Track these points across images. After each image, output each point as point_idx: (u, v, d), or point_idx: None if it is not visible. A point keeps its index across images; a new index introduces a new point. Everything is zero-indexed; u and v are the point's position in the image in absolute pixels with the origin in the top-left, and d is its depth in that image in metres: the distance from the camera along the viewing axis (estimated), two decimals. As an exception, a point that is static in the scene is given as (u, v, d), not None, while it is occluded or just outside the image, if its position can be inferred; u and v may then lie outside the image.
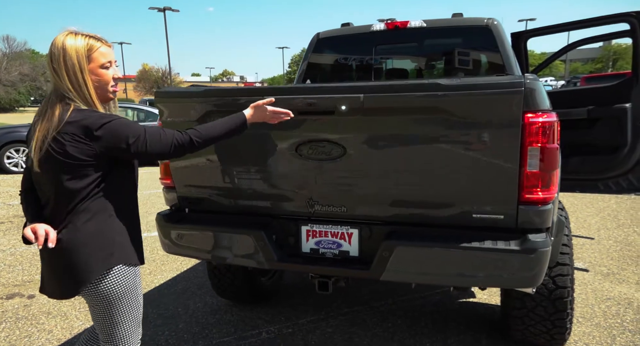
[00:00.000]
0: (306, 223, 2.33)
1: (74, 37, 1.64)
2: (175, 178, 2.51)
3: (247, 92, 2.26)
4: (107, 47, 1.70)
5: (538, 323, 2.55)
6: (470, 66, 3.72)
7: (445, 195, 2.06)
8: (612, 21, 3.72)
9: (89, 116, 1.59)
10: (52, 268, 1.71)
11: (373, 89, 1.99)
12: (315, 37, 3.99)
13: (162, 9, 37.60)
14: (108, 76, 1.70)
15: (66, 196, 1.63)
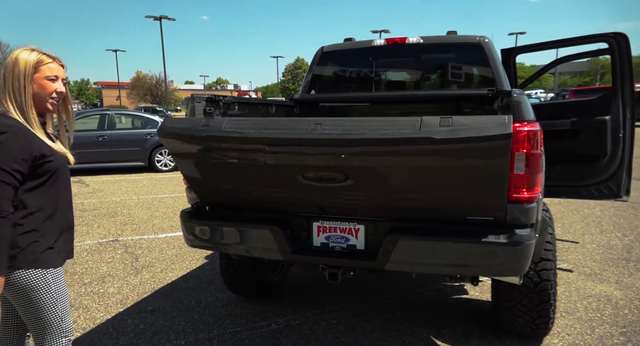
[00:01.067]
0: (317, 220, 2.59)
1: (30, 52, 1.81)
2: (196, 185, 2.75)
3: (248, 140, 2.28)
4: (57, 65, 1.86)
5: (525, 314, 2.83)
6: (463, 79, 4.03)
7: (442, 207, 2.33)
8: (593, 41, 4.05)
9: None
10: None
11: (368, 142, 2.07)
12: (320, 51, 4.29)
13: (159, 18, 37.93)
14: (51, 86, 1.83)
15: None
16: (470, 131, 1.92)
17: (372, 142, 2.06)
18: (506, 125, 1.89)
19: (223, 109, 2.99)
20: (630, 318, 3.35)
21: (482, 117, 2.02)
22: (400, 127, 2.02)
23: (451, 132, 1.93)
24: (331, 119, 2.22)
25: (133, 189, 9.00)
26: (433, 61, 4.20)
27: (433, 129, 1.95)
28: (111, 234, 5.76)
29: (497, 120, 1.94)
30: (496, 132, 1.90)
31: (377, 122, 2.09)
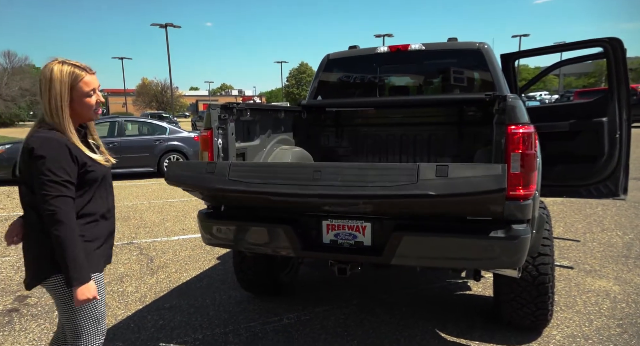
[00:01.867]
0: (326, 219, 2.76)
1: (61, 66, 1.79)
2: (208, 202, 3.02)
3: (252, 193, 2.48)
4: (90, 76, 1.85)
5: (524, 306, 2.98)
6: (464, 83, 4.20)
7: (443, 213, 2.53)
8: (590, 45, 4.21)
9: (39, 134, 1.76)
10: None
11: (367, 196, 2.25)
12: (326, 58, 4.48)
13: (164, 25, 38.38)
14: (91, 101, 1.87)
15: (27, 203, 1.84)
16: (465, 186, 2.08)
17: (371, 197, 2.25)
18: (500, 179, 2.04)
19: (236, 115, 3.17)
20: (627, 311, 3.48)
21: (478, 168, 2.14)
22: (399, 179, 2.16)
23: (447, 187, 2.09)
24: (330, 166, 2.38)
25: (144, 194, 9.21)
26: (434, 67, 4.37)
27: (429, 183, 2.10)
28: (126, 237, 5.95)
29: (492, 172, 2.07)
30: (490, 187, 2.06)
31: (376, 171, 2.26)
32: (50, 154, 1.72)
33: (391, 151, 4.41)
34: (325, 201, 2.39)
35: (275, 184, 2.37)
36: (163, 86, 62.17)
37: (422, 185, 2.11)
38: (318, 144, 4.56)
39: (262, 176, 2.43)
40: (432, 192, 2.09)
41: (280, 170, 2.48)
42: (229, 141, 3.04)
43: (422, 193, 2.10)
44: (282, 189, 2.36)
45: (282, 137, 3.95)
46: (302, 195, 2.34)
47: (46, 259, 1.79)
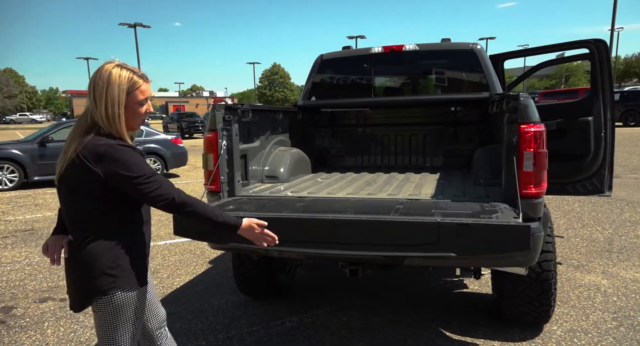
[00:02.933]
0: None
1: (120, 70, 1.70)
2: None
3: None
4: (147, 85, 1.78)
5: (527, 303, 3.03)
6: (458, 83, 4.26)
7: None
8: (575, 46, 4.33)
9: (102, 141, 1.64)
10: (67, 280, 1.80)
11: (389, 257, 2.26)
12: (319, 59, 4.45)
13: (133, 25, 37.49)
14: (142, 112, 1.78)
15: (79, 215, 1.71)
16: (489, 246, 2.07)
17: (389, 257, 2.25)
18: (527, 240, 2.02)
19: (239, 116, 3.10)
20: (619, 304, 3.59)
21: (503, 228, 2.07)
22: (419, 238, 2.12)
23: (470, 248, 2.08)
24: (347, 223, 2.26)
25: (121, 198, 8.93)
26: (428, 67, 4.41)
27: (450, 243, 2.08)
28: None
29: (517, 233, 2.04)
30: (515, 248, 2.05)
31: (395, 228, 2.18)
32: (126, 156, 1.65)
33: (386, 151, 4.42)
34: (342, 258, 2.40)
35: (290, 241, 2.27)
36: (131, 87, 60.41)
37: (444, 245, 2.08)
38: (313, 145, 4.53)
39: (276, 230, 2.23)
40: (453, 254, 2.08)
41: (293, 224, 2.33)
42: (234, 143, 2.98)
43: (444, 255, 2.10)
44: (294, 248, 2.31)
45: (280, 139, 3.90)
46: (319, 255, 2.35)
47: (94, 280, 1.68)
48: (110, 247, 1.70)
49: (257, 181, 3.52)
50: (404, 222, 2.15)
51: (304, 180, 3.71)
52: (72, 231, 1.75)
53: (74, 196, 1.71)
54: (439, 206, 2.46)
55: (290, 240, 2.30)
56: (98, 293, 1.69)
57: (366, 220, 2.21)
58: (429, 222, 2.10)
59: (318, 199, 2.86)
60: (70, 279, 1.76)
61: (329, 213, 2.34)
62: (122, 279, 1.71)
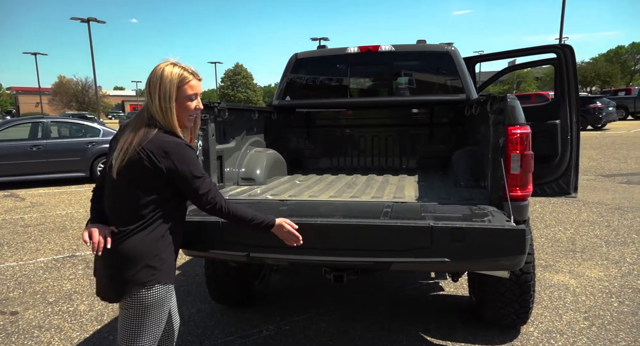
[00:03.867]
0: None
1: (172, 67, 1.81)
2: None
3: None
4: (197, 81, 1.87)
5: (507, 305, 3.03)
6: (434, 85, 4.26)
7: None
8: (544, 51, 4.43)
9: (169, 139, 1.76)
10: (104, 271, 1.82)
11: (380, 262, 2.20)
12: (294, 58, 4.34)
13: (86, 20, 35.95)
14: (191, 107, 1.86)
15: (130, 207, 1.77)
16: (484, 250, 2.05)
17: (380, 263, 2.19)
18: (523, 244, 2.01)
19: (215, 115, 2.95)
20: (588, 303, 3.68)
21: (498, 232, 2.05)
22: (412, 242, 2.06)
23: (464, 252, 2.05)
24: (339, 228, 2.19)
25: (78, 202, 8.48)
26: (405, 68, 4.39)
27: (444, 248, 2.04)
28: (65, 249, 5.41)
29: (514, 237, 2.02)
30: (511, 253, 2.04)
31: (387, 232, 2.12)
32: (191, 155, 1.79)
33: (363, 153, 4.36)
34: (331, 264, 2.34)
35: (277, 248, 2.17)
36: (84, 84, 58.15)
37: (437, 250, 2.03)
38: (288, 146, 4.41)
39: (260, 236, 2.18)
40: (447, 259, 2.03)
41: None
42: (210, 143, 2.82)
43: (437, 261, 2.05)
44: (283, 255, 2.21)
45: (255, 139, 3.76)
46: (306, 262, 2.26)
47: (136, 271, 1.75)
48: (155, 240, 1.78)
49: (233, 184, 3.37)
50: (397, 226, 2.08)
51: (281, 182, 3.59)
52: (119, 221, 1.78)
53: (132, 188, 1.75)
54: (427, 209, 2.41)
55: (274, 246, 2.18)
56: (138, 284, 1.74)
57: (357, 224, 2.13)
58: (422, 226, 2.04)
59: (301, 202, 2.75)
60: (108, 270, 1.79)
61: (316, 217, 2.24)
62: (161, 272, 1.79)
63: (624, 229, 5.83)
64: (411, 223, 2.08)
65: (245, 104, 10.50)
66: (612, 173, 9.87)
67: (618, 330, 3.22)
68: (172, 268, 1.86)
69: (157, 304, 1.80)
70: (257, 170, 3.46)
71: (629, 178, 9.25)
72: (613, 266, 4.51)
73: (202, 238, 2.26)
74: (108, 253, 1.77)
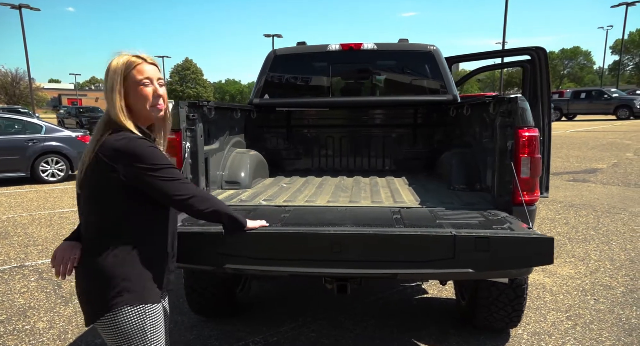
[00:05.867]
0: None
1: (119, 58, 1.60)
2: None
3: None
4: (149, 65, 1.63)
5: (501, 309, 3.01)
6: (416, 84, 4.20)
7: None
8: (519, 53, 4.50)
9: (120, 136, 1.52)
10: (77, 290, 1.64)
11: (399, 274, 2.12)
12: (272, 54, 4.14)
13: (18, 6, 33.40)
14: (146, 92, 1.59)
15: (92, 223, 1.58)
16: (511, 262, 1.97)
17: (400, 275, 2.14)
18: (551, 253, 1.93)
19: (203, 114, 2.71)
20: (567, 302, 3.76)
21: (526, 241, 1.96)
22: (433, 253, 1.95)
23: (489, 263, 1.95)
24: (352, 236, 2.03)
25: (19, 205, 7.78)
26: (387, 67, 4.30)
27: (468, 258, 1.94)
28: (12, 259, 4.89)
29: (543, 247, 1.94)
30: (538, 263, 2.00)
31: (406, 242, 1.99)
32: (142, 149, 1.52)
33: (345, 154, 4.23)
34: (346, 277, 2.19)
35: (285, 260, 2.01)
36: (14, 76, 54.28)
37: (461, 260, 1.92)
38: (267, 146, 4.20)
39: (268, 248, 2.02)
40: (471, 269, 1.92)
41: (290, 240, 2.03)
42: (198, 145, 2.58)
43: (461, 272, 1.94)
44: (291, 268, 2.03)
45: (237, 140, 3.54)
46: (319, 275, 2.13)
47: (101, 293, 1.54)
48: (123, 258, 1.55)
49: (217, 187, 3.13)
50: (417, 235, 1.95)
51: (267, 186, 3.38)
52: (85, 238, 1.61)
53: (93, 201, 1.57)
54: (439, 216, 2.31)
55: (280, 258, 2.00)
56: (103, 308, 1.54)
57: (374, 234, 1.98)
58: (444, 235, 1.93)
59: (302, 209, 2.57)
60: (79, 290, 1.61)
61: (327, 226, 2.08)
62: (132, 293, 1.55)
63: (582, 226, 6.07)
64: (432, 232, 1.97)
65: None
66: (558, 171, 10.34)
67: (601, 329, 3.29)
68: (149, 288, 1.60)
69: (134, 330, 1.56)
70: (242, 173, 3.24)
71: (574, 176, 9.73)
72: (581, 264, 4.66)
73: (202, 250, 2.03)
74: (77, 274, 1.61)
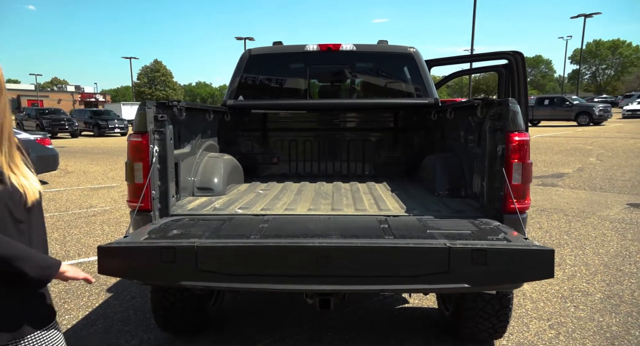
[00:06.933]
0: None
1: None
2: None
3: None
4: None
5: (486, 320, 2.90)
6: (396, 87, 4.09)
7: None
8: (497, 57, 4.47)
9: None
10: None
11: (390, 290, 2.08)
12: (247, 54, 3.95)
13: (-24, 3, 31.90)
14: None
15: None
16: (508, 275, 1.85)
17: (390, 290, 2.15)
18: (551, 267, 1.81)
19: (173, 115, 2.49)
20: (548, 310, 3.70)
21: (524, 254, 1.83)
22: (426, 266, 1.80)
23: (486, 277, 1.83)
24: (339, 250, 1.86)
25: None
26: (367, 69, 4.18)
27: (464, 272, 1.81)
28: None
29: (544, 259, 1.81)
30: (539, 276, 1.92)
31: (396, 255, 1.84)
32: None
33: (323, 158, 4.07)
34: (332, 293, 2.03)
35: (267, 276, 1.82)
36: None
37: (456, 275, 1.78)
38: (242, 150, 3.99)
39: (247, 263, 1.83)
40: (467, 284, 1.78)
41: (272, 254, 1.85)
42: (168, 149, 2.36)
43: (456, 287, 1.80)
44: (275, 285, 1.85)
45: (210, 143, 3.32)
46: (302, 291, 1.97)
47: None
48: None
49: (188, 194, 2.91)
50: (409, 248, 1.80)
51: (243, 192, 3.18)
52: None
53: None
54: (428, 225, 2.18)
55: (259, 274, 1.81)
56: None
57: (363, 246, 1.82)
58: (438, 247, 1.78)
59: (281, 218, 2.39)
60: None
61: (311, 238, 1.90)
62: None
63: (555, 230, 6.11)
64: (424, 244, 1.82)
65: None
66: (529, 176, 10.51)
67: (584, 338, 3.23)
68: None
69: None
70: (215, 178, 3.02)
71: (543, 180, 9.90)
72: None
73: (172, 267, 1.82)
74: None
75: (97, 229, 6.11)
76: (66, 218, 6.78)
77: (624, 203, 7.52)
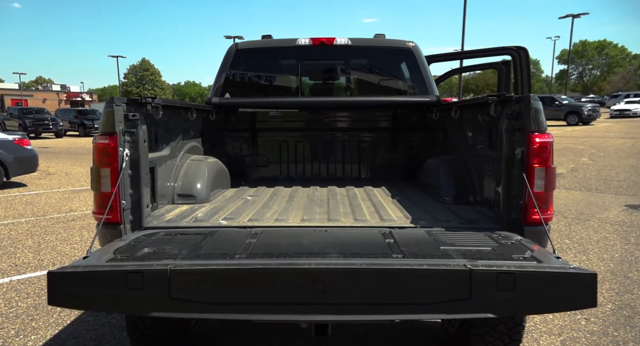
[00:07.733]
0: None
1: None
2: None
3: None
4: None
5: (497, 339, 2.64)
6: (395, 84, 3.82)
7: None
8: (500, 53, 4.24)
9: None
10: None
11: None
12: (234, 48, 3.65)
13: (-44, 0, 31.05)
14: None
15: None
16: (542, 303, 1.60)
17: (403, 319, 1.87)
18: (594, 294, 1.58)
19: (147, 114, 2.18)
20: (558, 323, 3.46)
21: (561, 278, 1.57)
22: (444, 292, 1.54)
23: (514, 305, 1.57)
24: (339, 272, 1.59)
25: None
26: (363, 65, 3.90)
27: (488, 298, 1.55)
28: None
29: (584, 286, 1.56)
30: (578, 306, 1.70)
31: (409, 280, 1.57)
32: None
33: (316, 160, 3.78)
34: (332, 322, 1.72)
35: (253, 305, 1.53)
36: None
37: (478, 303, 1.50)
38: (228, 152, 3.68)
39: (229, 289, 1.54)
40: (491, 314, 1.50)
41: (259, 279, 1.55)
42: (141, 152, 2.05)
43: (478, 316, 1.53)
44: (263, 315, 1.55)
45: (192, 145, 3.01)
46: (294, 322, 1.69)
47: None
48: None
49: (167, 202, 2.60)
50: (423, 270, 1.52)
51: (229, 199, 2.88)
52: None
53: None
54: (441, 240, 1.90)
55: (244, 303, 1.52)
56: None
57: (369, 269, 1.53)
58: (457, 269, 1.50)
59: (272, 231, 2.09)
60: None
61: (305, 257, 1.61)
62: None
63: (555, 233, 5.89)
64: (441, 266, 1.54)
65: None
66: (524, 177, 10.36)
67: (600, 354, 2.99)
68: None
69: None
70: (198, 184, 2.72)
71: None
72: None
73: (140, 295, 1.51)
74: None
75: (76, 235, 5.75)
76: (43, 223, 6.40)
77: (622, 204, 7.36)
